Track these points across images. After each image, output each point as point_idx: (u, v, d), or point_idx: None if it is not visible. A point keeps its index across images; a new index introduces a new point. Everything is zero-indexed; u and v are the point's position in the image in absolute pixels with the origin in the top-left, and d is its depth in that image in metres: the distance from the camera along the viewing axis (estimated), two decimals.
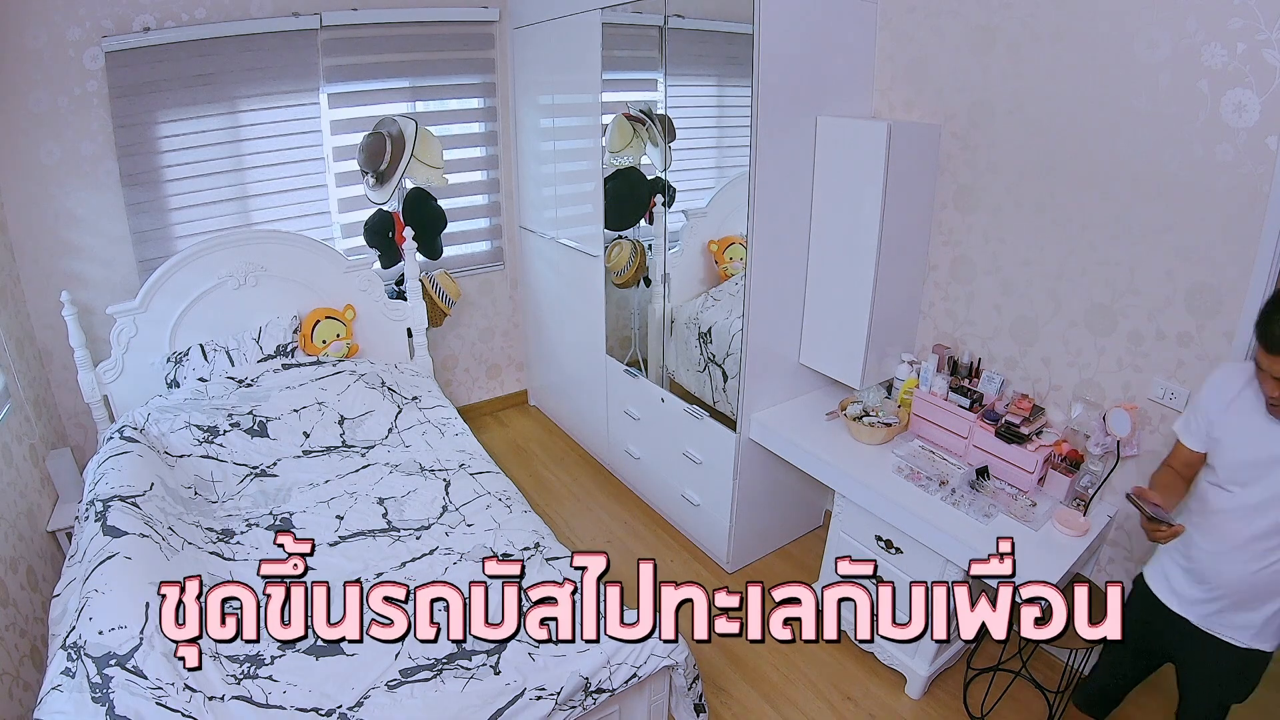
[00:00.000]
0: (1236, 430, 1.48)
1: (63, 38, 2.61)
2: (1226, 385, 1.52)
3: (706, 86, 2.99)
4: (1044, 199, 2.14)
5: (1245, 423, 1.46)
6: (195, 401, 2.67)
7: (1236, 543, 1.48)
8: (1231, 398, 1.49)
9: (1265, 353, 1.33)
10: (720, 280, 3.12)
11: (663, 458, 3.07)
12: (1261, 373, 1.37)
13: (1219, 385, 1.54)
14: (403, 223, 3.26)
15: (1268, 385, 1.36)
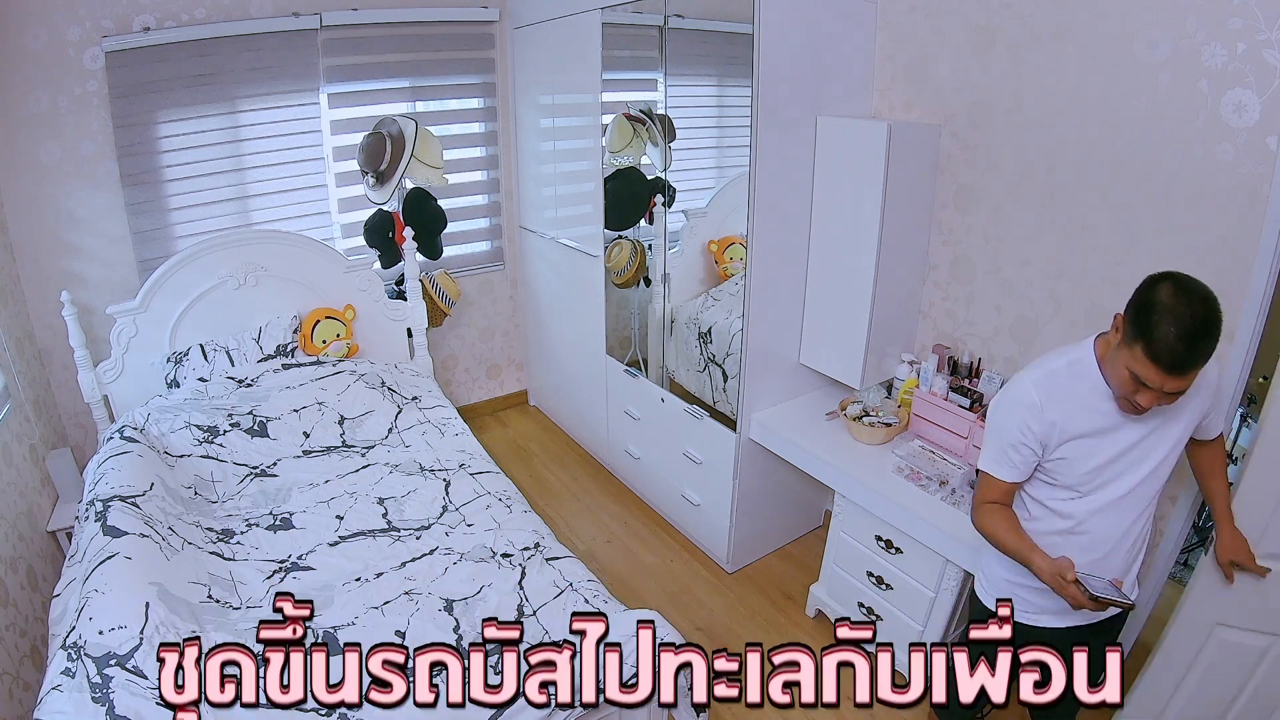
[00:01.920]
0: (1080, 441, 1.37)
1: (63, 38, 2.61)
2: (1052, 399, 1.37)
3: (706, 86, 2.99)
4: (1044, 199, 2.14)
5: (1089, 427, 1.36)
6: (195, 401, 2.67)
7: (1118, 535, 1.43)
8: (1067, 417, 1.36)
9: (1155, 366, 1.19)
10: (720, 280, 3.12)
11: (663, 458, 3.07)
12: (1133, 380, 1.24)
13: (1043, 403, 1.37)
14: (403, 223, 3.26)
15: (1143, 395, 1.24)
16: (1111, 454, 1.37)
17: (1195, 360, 1.17)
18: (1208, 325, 1.17)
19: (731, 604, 2.70)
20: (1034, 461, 1.42)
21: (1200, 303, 1.18)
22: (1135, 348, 1.21)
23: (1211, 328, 1.17)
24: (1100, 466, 1.38)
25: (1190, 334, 1.16)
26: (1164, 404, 1.26)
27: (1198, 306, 1.17)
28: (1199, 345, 1.17)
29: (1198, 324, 1.16)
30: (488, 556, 2.08)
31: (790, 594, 2.74)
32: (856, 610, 2.39)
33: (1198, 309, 1.17)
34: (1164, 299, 1.20)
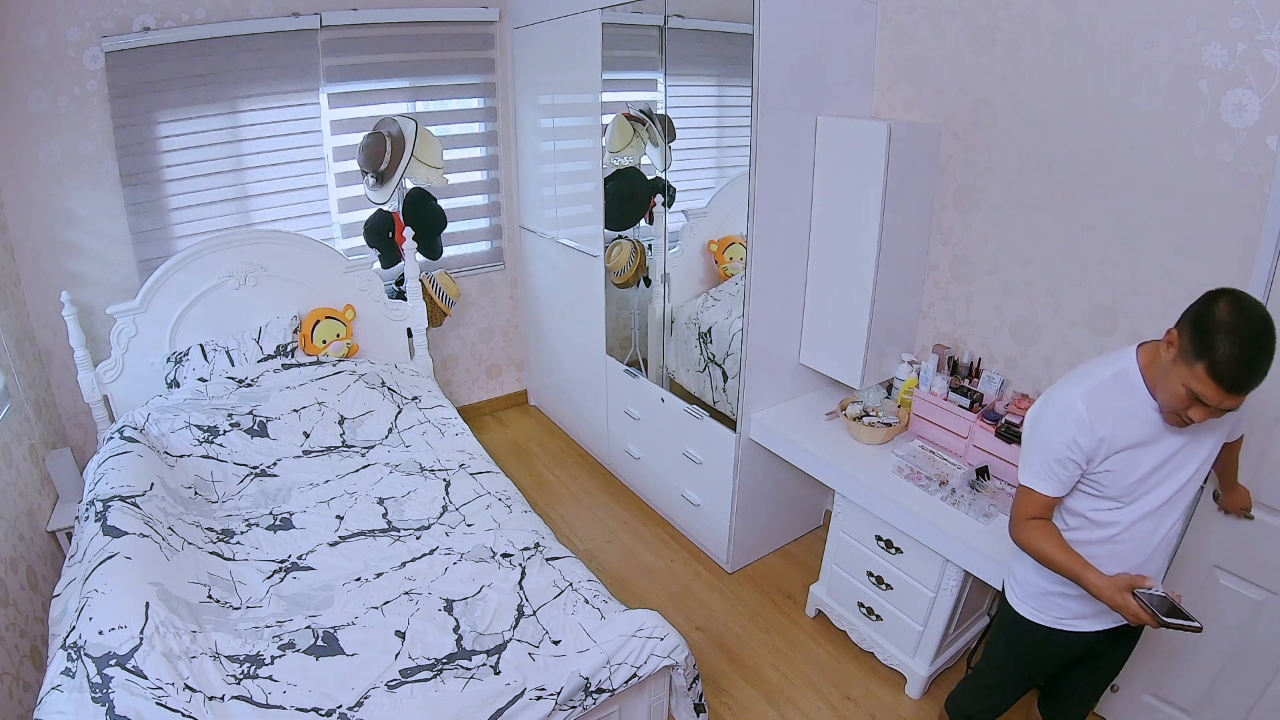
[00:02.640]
0: (1128, 452, 1.36)
1: (63, 38, 2.61)
2: (1101, 413, 1.35)
3: (706, 86, 2.98)
4: (1044, 199, 2.14)
5: (1134, 439, 1.35)
6: (195, 401, 2.67)
7: (1154, 544, 1.43)
8: (1114, 426, 1.35)
9: (1216, 385, 1.18)
10: (720, 280, 3.12)
11: (663, 458, 3.07)
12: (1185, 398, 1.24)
13: (1091, 421, 1.35)
14: (403, 223, 3.26)
15: (1196, 411, 1.24)
16: (1154, 464, 1.37)
17: (1256, 380, 1.18)
18: (1270, 345, 1.17)
19: (731, 604, 2.70)
20: (1078, 476, 1.41)
21: (1261, 323, 1.17)
22: (1196, 366, 1.20)
23: (1272, 347, 1.17)
24: (1144, 477, 1.38)
25: (1253, 355, 1.16)
26: (1214, 418, 1.26)
27: (1259, 326, 1.17)
28: (1261, 365, 1.17)
29: (1260, 344, 1.16)
30: (488, 556, 2.08)
31: (790, 594, 2.74)
32: (856, 610, 2.39)
33: (1260, 329, 1.17)
34: (1225, 317, 1.18)
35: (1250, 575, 1.82)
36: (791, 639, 2.53)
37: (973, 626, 2.38)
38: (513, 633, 1.81)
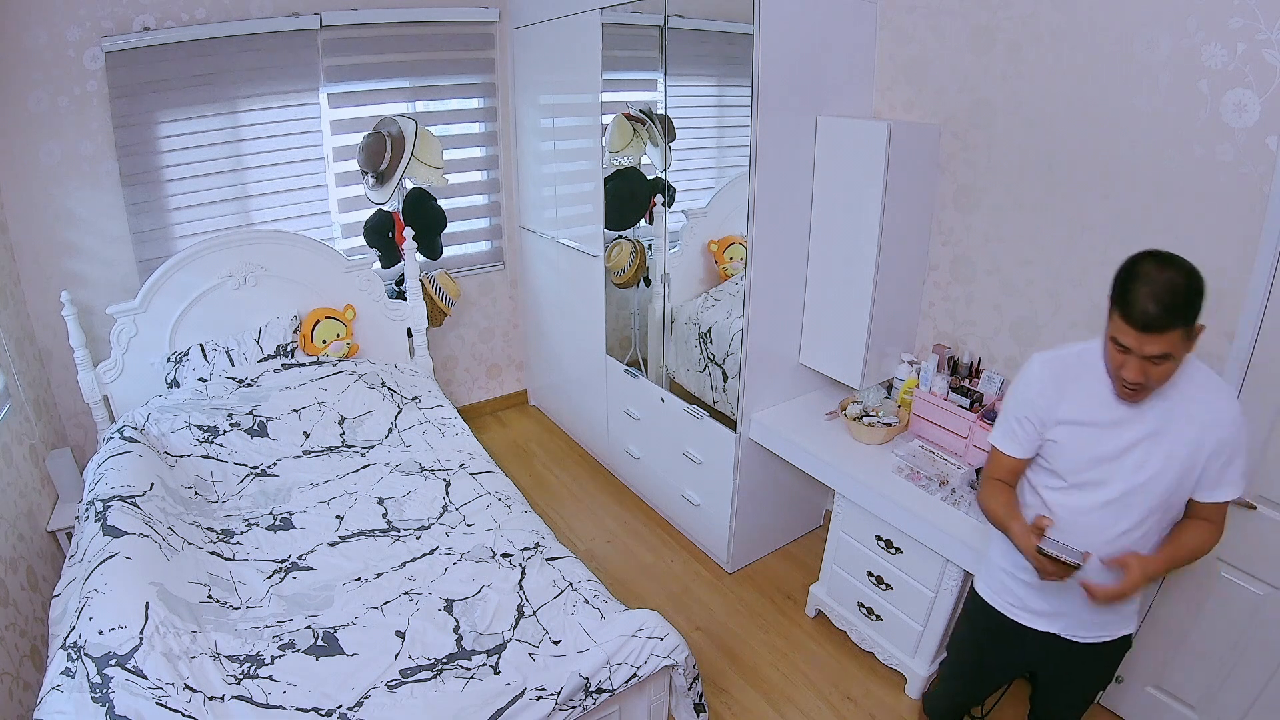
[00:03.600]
0: (1073, 428, 1.39)
1: (63, 38, 2.61)
2: (1047, 384, 1.41)
3: (706, 86, 2.98)
4: (1044, 199, 2.14)
5: (1082, 417, 1.37)
6: (195, 401, 2.67)
7: (1104, 543, 1.39)
8: (1061, 395, 1.40)
9: (1129, 326, 1.22)
10: (720, 280, 3.12)
11: (663, 458, 3.07)
12: (1117, 351, 1.27)
13: (1045, 380, 1.42)
14: (403, 223, 3.26)
15: (1127, 367, 1.26)
16: (1107, 451, 1.37)
17: (1165, 317, 1.19)
18: (1176, 284, 1.20)
19: (731, 604, 2.70)
20: (1035, 439, 1.45)
21: (1171, 265, 1.22)
22: (1114, 314, 1.26)
23: (1180, 286, 1.20)
24: (1092, 460, 1.38)
25: (1159, 292, 1.20)
26: (1152, 380, 1.26)
27: (1169, 269, 1.22)
28: (1167, 301, 1.19)
29: (1167, 282, 1.20)
30: (488, 556, 2.08)
31: (790, 594, 2.74)
32: (856, 610, 2.39)
33: (1169, 271, 1.21)
34: (1139, 267, 1.25)
35: (1253, 570, 1.82)
36: (791, 639, 2.53)
37: None
38: (513, 633, 1.81)
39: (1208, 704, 1.96)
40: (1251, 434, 1.73)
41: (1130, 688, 2.13)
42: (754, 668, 2.41)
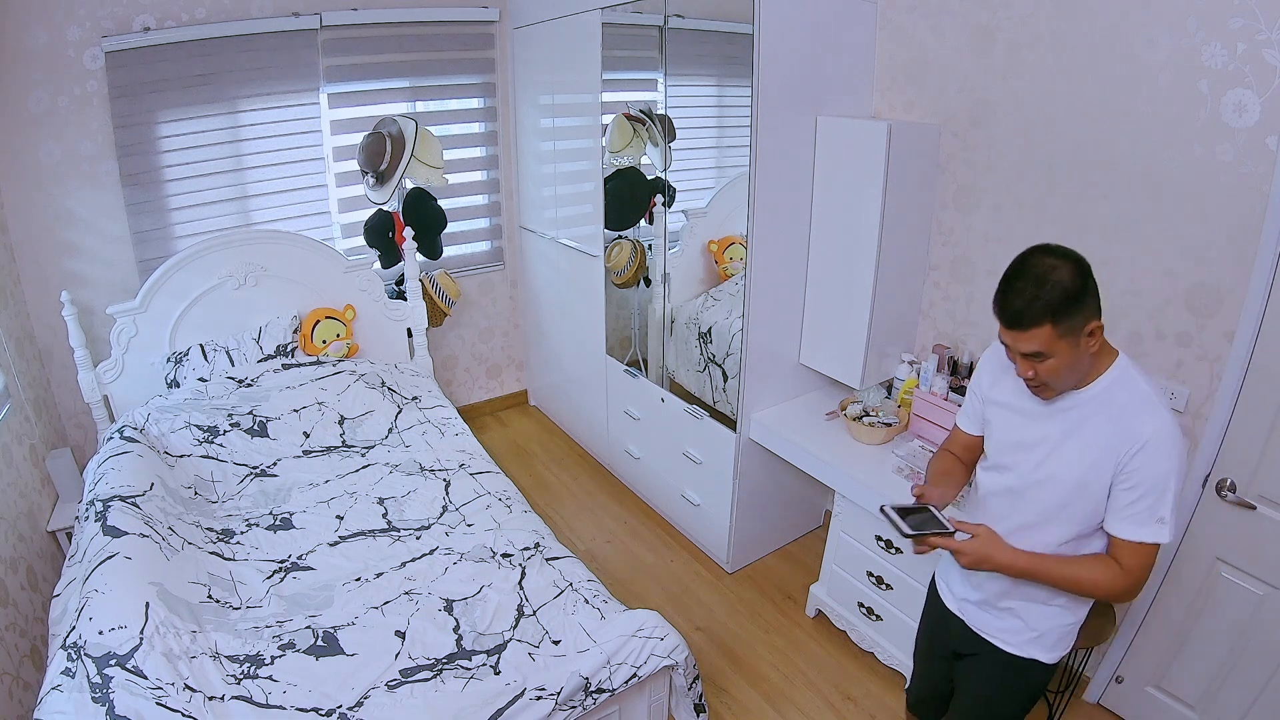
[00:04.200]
0: (1002, 410, 1.42)
1: (63, 38, 2.60)
2: (993, 364, 1.46)
3: (706, 86, 2.98)
4: (1044, 199, 2.14)
5: (1011, 402, 1.39)
6: (195, 401, 2.67)
7: (1002, 530, 1.38)
8: (998, 377, 1.44)
9: (1003, 328, 1.25)
10: (720, 280, 3.12)
11: (663, 458, 3.07)
12: (1009, 350, 1.28)
13: (987, 364, 1.48)
14: (403, 223, 3.26)
15: (1017, 363, 1.27)
16: (1021, 438, 1.38)
17: (1026, 313, 1.19)
18: (1042, 279, 1.18)
19: (731, 604, 2.70)
20: (978, 415, 1.51)
21: (1044, 260, 1.20)
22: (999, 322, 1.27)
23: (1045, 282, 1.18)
24: (1010, 445, 1.40)
25: (1024, 287, 1.19)
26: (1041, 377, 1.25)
27: (1041, 264, 1.20)
28: (1028, 296, 1.19)
29: (1034, 277, 1.19)
30: (488, 556, 2.08)
31: (790, 594, 2.74)
32: (856, 610, 2.39)
33: (1040, 266, 1.20)
34: (1017, 262, 1.24)
35: (1253, 569, 1.82)
36: (791, 639, 2.53)
37: None
38: (513, 633, 1.81)
39: (1208, 704, 1.97)
40: (1252, 434, 1.75)
41: (1130, 688, 2.13)
42: (754, 668, 2.41)
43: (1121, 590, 1.28)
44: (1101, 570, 1.28)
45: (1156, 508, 1.22)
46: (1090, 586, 1.30)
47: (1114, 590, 1.28)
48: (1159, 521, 1.22)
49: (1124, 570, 1.26)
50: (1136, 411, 1.23)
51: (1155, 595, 2.04)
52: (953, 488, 1.54)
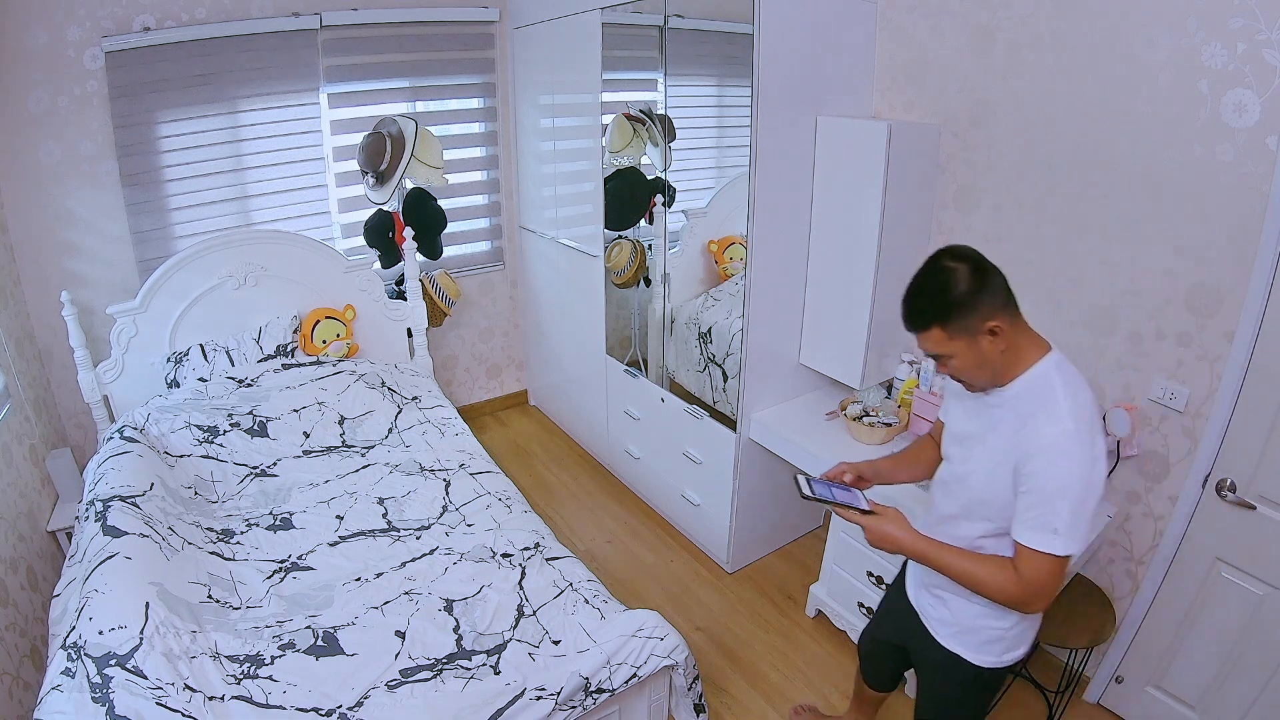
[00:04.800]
0: (955, 402, 1.45)
1: (63, 38, 2.60)
2: None
3: (706, 86, 2.98)
4: (1044, 199, 2.14)
5: (960, 394, 1.41)
6: (195, 401, 2.67)
7: (932, 519, 1.45)
8: None
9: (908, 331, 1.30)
10: (720, 280, 3.12)
11: (663, 458, 3.07)
12: None
13: None
14: (403, 223, 3.26)
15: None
16: (958, 431, 1.42)
17: (911, 317, 1.27)
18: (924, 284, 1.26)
19: (731, 604, 2.70)
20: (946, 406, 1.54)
21: (934, 264, 1.26)
22: None
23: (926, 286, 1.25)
24: (951, 437, 1.45)
25: (909, 292, 1.28)
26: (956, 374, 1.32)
27: (930, 268, 1.26)
28: (911, 300, 1.28)
29: (917, 282, 1.27)
30: (488, 556, 2.08)
31: (790, 594, 2.74)
32: (857, 610, 2.39)
33: (927, 270, 1.26)
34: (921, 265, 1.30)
35: (1252, 569, 1.82)
36: (791, 639, 2.53)
37: None
38: (513, 633, 1.81)
39: (1208, 704, 1.97)
40: (1252, 434, 1.75)
41: (1130, 688, 2.13)
42: (754, 668, 2.41)
43: (1015, 597, 1.24)
44: (997, 572, 1.26)
45: (1049, 517, 1.19)
46: (984, 585, 1.28)
47: (1006, 594, 1.25)
48: (1053, 532, 1.19)
49: (1019, 576, 1.23)
50: (1038, 415, 1.22)
51: (1155, 595, 2.04)
52: (911, 469, 1.63)
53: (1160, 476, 1.99)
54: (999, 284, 1.25)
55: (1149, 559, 2.05)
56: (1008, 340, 1.25)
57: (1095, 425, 1.21)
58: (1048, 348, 1.29)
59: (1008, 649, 1.43)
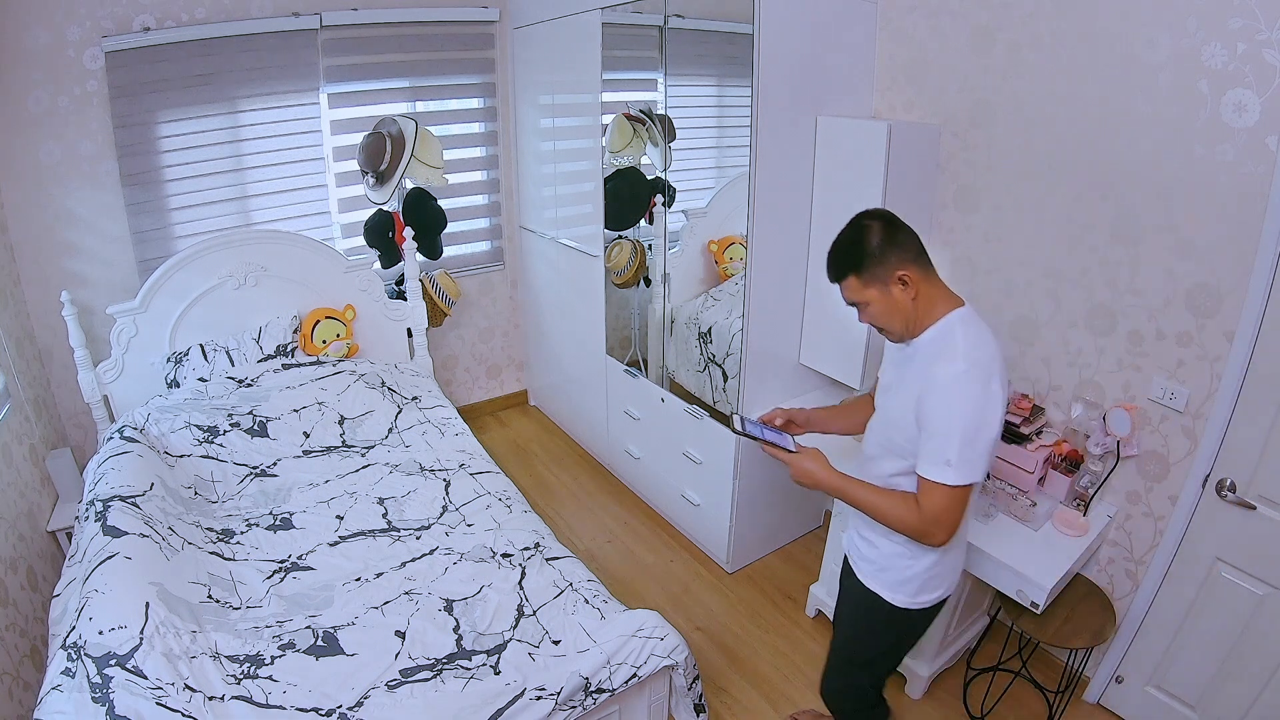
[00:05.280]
0: (886, 356, 1.58)
1: (63, 38, 2.60)
2: None
3: (706, 86, 2.99)
4: (1044, 199, 2.14)
5: (889, 348, 1.56)
6: (195, 401, 2.67)
7: (860, 460, 1.59)
8: None
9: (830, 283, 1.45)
10: (720, 280, 3.12)
11: (663, 458, 3.07)
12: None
13: None
14: (403, 223, 3.26)
15: None
16: (884, 381, 1.55)
17: (830, 268, 1.46)
18: (840, 238, 1.43)
19: (732, 604, 2.70)
20: None
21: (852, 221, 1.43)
22: None
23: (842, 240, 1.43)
24: (880, 387, 1.58)
25: (830, 247, 1.45)
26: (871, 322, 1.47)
27: (850, 224, 1.43)
28: (831, 254, 1.45)
29: (837, 238, 1.44)
30: (488, 556, 2.08)
31: (790, 594, 2.74)
32: None
33: (847, 227, 1.43)
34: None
35: (1252, 569, 1.82)
36: (791, 639, 2.53)
37: (973, 626, 2.38)
38: (513, 633, 1.81)
39: (1207, 704, 1.97)
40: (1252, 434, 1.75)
41: (1130, 687, 2.13)
42: (754, 668, 2.41)
43: (915, 527, 1.37)
44: (900, 504, 1.40)
45: (943, 449, 1.31)
46: (888, 516, 1.41)
47: (907, 525, 1.38)
48: (945, 464, 1.31)
49: (920, 508, 1.36)
50: (938, 358, 1.36)
51: (1155, 595, 2.04)
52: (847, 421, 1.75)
53: (1160, 476, 1.99)
54: (909, 240, 1.40)
55: (1149, 559, 2.05)
56: (917, 290, 1.39)
57: (991, 371, 1.33)
58: (959, 303, 1.43)
59: (920, 590, 1.54)
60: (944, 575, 1.55)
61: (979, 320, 1.41)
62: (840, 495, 1.48)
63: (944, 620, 2.13)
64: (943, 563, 1.52)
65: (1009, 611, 1.98)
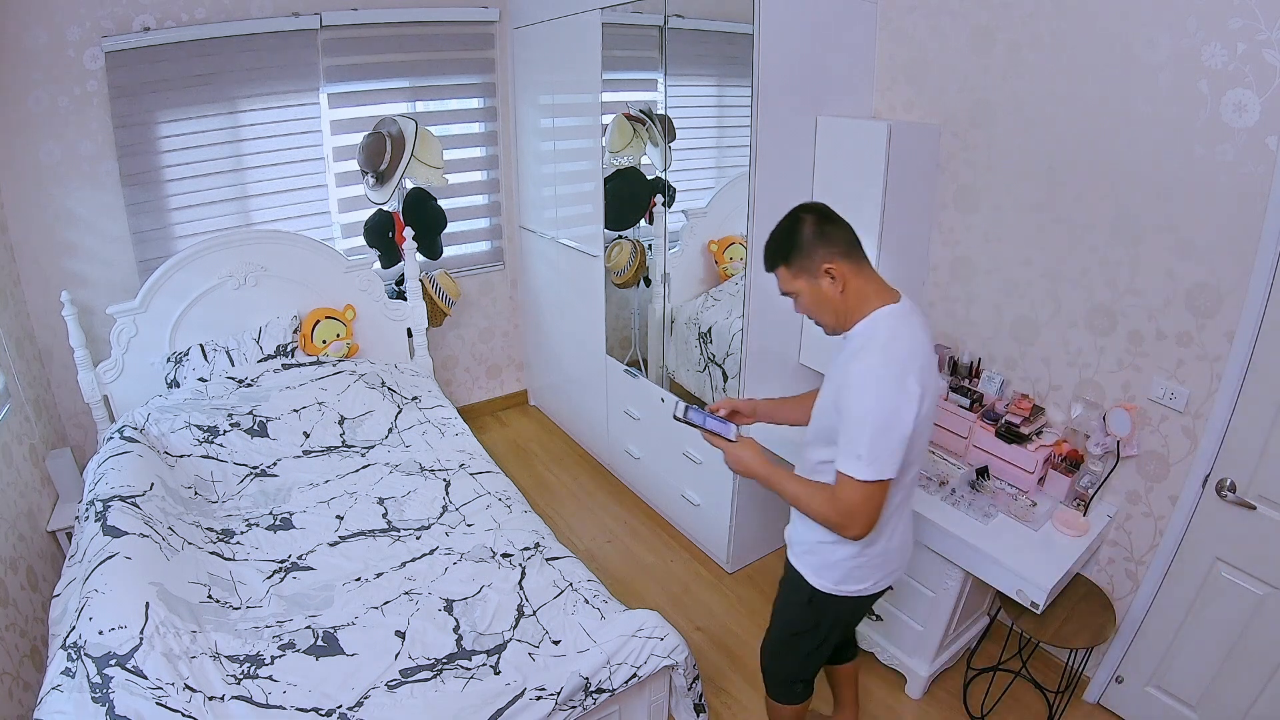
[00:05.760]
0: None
1: (63, 38, 2.60)
2: None
3: (706, 86, 2.99)
4: (1044, 199, 2.14)
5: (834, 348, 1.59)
6: (195, 401, 2.67)
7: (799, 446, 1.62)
8: None
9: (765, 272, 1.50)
10: (720, 280, 3.12)
11: (663, 458, 3.07)
12: None
13: None
14: (403, 223, 3.26)
15: None
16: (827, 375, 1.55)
17: (766, 258, 1.50)
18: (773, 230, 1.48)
19: (732, 604, 2.70)
20: None
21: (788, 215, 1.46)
22: None
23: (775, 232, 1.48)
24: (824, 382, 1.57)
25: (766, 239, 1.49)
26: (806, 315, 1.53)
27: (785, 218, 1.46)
28: (766, 245, 1.49)
29: (772, 230, 1.49)
30: (488, 556, 2.08)
31: None
32: None
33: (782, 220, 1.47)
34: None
35: (1252, 569, 1.83)
36: None
37: (973, 626, 2.38)
38: (513, 633, 1.81)
39: (1207, 704, 1.97)
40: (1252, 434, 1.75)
41: (1130, 687, 2.13)
42: (754, 668, 2.40)
43: (832, 518, 1.39)
44: (819, 495, 1.42)
45: (855, 444, 1.33)
46: (809, 506, 1.43)
47: (825, 516, 1.40)
48: (857, 458, 1.33)
49: (836, 499, 1.38)
50: (860, 352, 1.38)
51: (1155, 595, 2.04)
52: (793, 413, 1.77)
53: (1160, 476, 2.00)
54: (840, 234, 1.43)
55: (1149, 559, 2.05)
56: (845, 283, 1.42)
57: (908, 368, 1.34)
58: (893, 299, 1.44)
59: (844, 579, 1.57)
60: (871, 569, 1.56)
61: (910, 316, 1.43)
62: (769, 484, 1.52)
63: (944, 620, 2.13)
64: (867, 555, 1.53)
65: (1009, 611, 1.98)
